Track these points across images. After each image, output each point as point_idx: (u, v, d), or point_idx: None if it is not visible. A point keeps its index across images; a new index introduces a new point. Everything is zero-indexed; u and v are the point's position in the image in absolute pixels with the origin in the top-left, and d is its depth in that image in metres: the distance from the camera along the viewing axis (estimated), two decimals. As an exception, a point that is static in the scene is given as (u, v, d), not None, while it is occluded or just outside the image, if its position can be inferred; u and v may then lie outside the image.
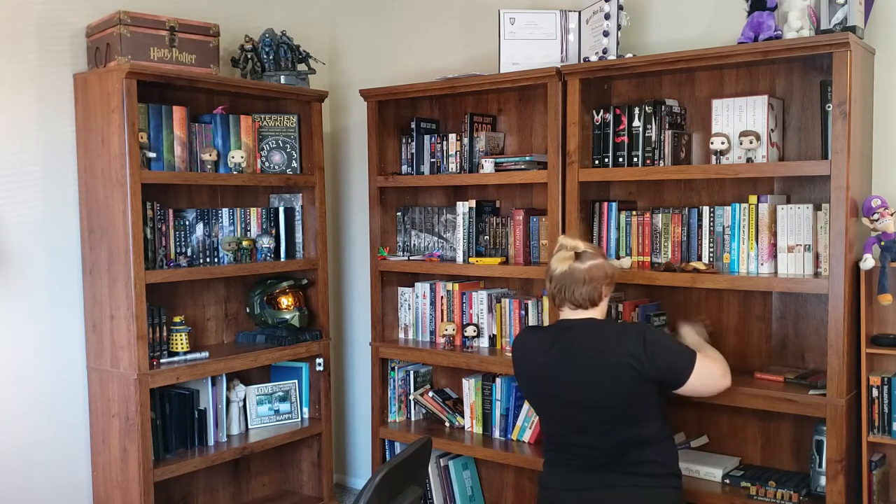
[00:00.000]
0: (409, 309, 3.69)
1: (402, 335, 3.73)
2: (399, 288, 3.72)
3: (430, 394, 3.62)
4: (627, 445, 2.45)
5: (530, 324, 3.33)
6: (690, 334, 2.79)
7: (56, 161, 3.15)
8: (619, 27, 3.00)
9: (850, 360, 2.60)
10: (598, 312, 2.55)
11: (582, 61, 3.13)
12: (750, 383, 2.79)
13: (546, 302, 3.22)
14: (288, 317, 3.64)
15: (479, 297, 3.48)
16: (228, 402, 3.49)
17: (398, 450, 3.61)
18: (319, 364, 3.73)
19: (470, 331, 3.44)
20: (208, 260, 3.41)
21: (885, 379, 2.58)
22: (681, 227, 2.96)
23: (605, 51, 3.00)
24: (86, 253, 3.18)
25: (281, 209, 3.67)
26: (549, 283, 2.58)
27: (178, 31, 3.18)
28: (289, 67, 3.59)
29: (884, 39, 2.75)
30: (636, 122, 2.99)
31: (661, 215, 3.00)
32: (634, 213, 3.07)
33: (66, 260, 3.19)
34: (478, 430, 3.46)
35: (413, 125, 3.60)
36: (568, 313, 2.56)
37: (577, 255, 2.53)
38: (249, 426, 3.60)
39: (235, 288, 3.72)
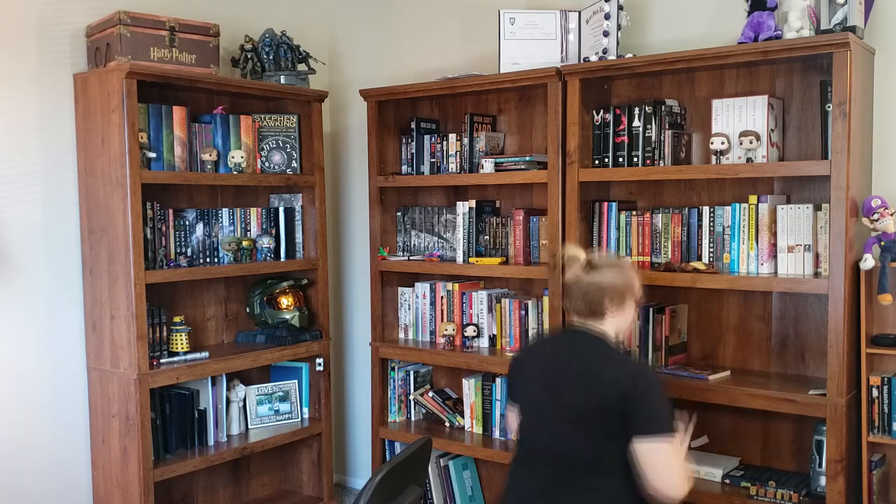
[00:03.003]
0: (409, 309, 3.69)
1: (402, 335, 3.73)
2: (399, 288, 3.72)
3: (430, 394, 3.62)
4: (587, 468, 2.26)
5: (531, 325, 3.33)
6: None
7: (56, 161, 3.15)
8: (619, 27, 3.00)
9: (850, 360, 2.60)
10: (607, 326, 2.38)
11: (582, 61, 3.13)
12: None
13: (546, 302, 3.22)
14: (288, 317, 3.64)
15: (479, 297, 3.48)
16: (228, 402, 3.49)
17: (398, 450, 3.61)
18: (319, 364, 3.72)
19: (470, 331, 3.44)
20: (208, 260, 3.40)
21: (885, 379, 2.58)
22: (681, 227, 2.96)
23: (605, 51, 3.00)
24: (86, 253, 3.18)
25: (281, 209, 3.67)
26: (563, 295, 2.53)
27: (178, 31, 3.18)
28: (289, 67, 3.59)
29: (884, 39, 2.75)
30: (636, 122, 2.99)
31: (661, 215, 3.01)
32: (634, 213, 3.07)
33: (66, 260, 3.19)
34: (478, 430, 3.46)
35: (413, 125, 3.60)
36: (576, 322, 2.46)
37: (591, 266, 2.41)
38: (249, 426, 3.60)
39: (235, 288, 3.72)
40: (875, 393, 2.59)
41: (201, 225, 3.39)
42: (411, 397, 3.67)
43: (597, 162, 3.09)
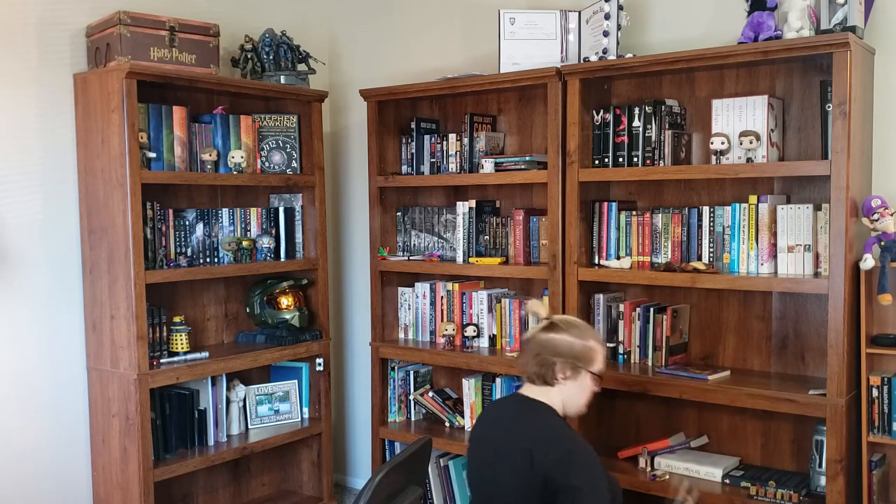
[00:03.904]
0: (409, 309, 3.69)
1: (402, 335, 3.73)
2: (399, 288, 3.72)
3: (430, 394, 3.62)
4: None
5: (531, 325, 3.33)
6: None
7: (56, 161, 3.15)
8: (619, 27, 3.00)
9: (850, 360, 2.60)
10: (554, 397, 2.31)
11: (582, 61, 3.13)
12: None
13: (546, 302, 3.22)
14: (288, 317, 3.64)
15: (479, 297, 3.48)
16: (228, 402, 3.49)
17: (398, 450, 3.61)
18: (319, 364, 3.72)
19: (470, 331, 3.44)
20: (208, 260, 3.40)
21: (885, 379, 2.58)
22: (681, 227, 2.96)
23: (605, 51, 3.00)
24: (86, 253, 3.18)
25: (281, 209, 3.67)
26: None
27: (178, 31, 3.18)
28: (289, 67, 3.59)
29: (884, 39, 2.75)
30: (636, 122, 2.99)
31: (661, 215, 3.01)
32: (634, 213, 3.07)
33: (66, 260, 3.19)
34: (478, 430, 3.46)
35: (413, 125, 3.60)
36: (524, 389, 2.38)
37: (551, 325, 2.33)
38: (249, 426, 3.60)
39: (235, 288, 3.72)
40: (875, 393, 2.59)
41: (201, 225, 3.39)
42: (411, 397, 3.67)
43: (597, 162, 3.09)
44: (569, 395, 2.32)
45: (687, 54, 2.80)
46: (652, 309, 3.04)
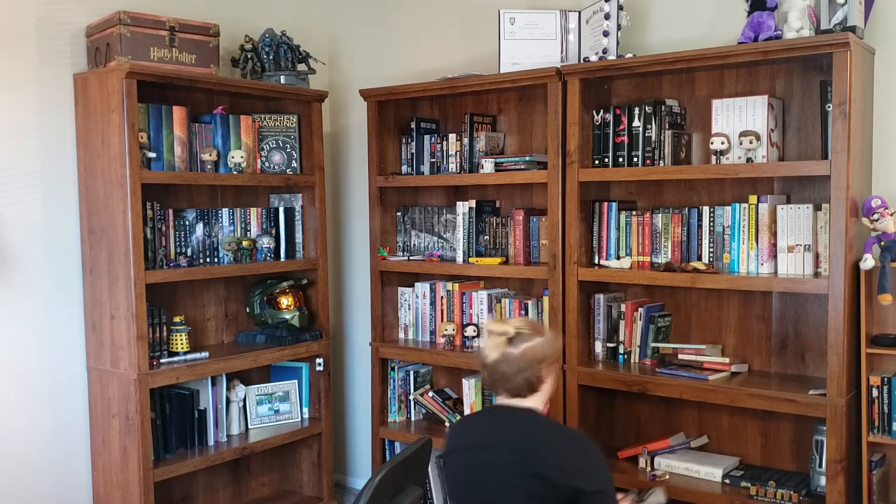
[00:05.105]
0: (409, 309, 3.70)
1: (402, 335, 3.73)
2: (399, 288, 3.72)
3: (430, 394, 3.62)
4: None
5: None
6: None
7: (56, 161, 3.15)
8: (619, 27, 3.00)
9: (850, 360, 2.60)
10: (538, 400, 2.31)
11: (582, 61, 3.13)
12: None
13: (546, 302, 3.21)
14: (288, 317, 3.64)
15: (479, 297, 3.48)
16: (228, 402, 3.49)
17: (398, 450, 3.61)
18: (319, 364, 3.73)
19: (470, 331, 3.44)
20: (208, 260, 3.40)
21: (885, 379, 2.58)
22: (681, 227, 2.96)
23: (605, 51, 3.00)
24: (86, 253, 3.18)
25: (281, 209, 3.67)
26: (483, 372, 2.34)
27: (178, 31, 3.18)
28: (289, 67, 3.59)
29: (884, 39, 2.75)
30: (636, 122, 2.99)
31: (661, 215, 3.01)
32: (634, 213, 3.07)
33: (66, 260, 3.19)
34: (478, 430, 3.46)
35: (413, 125, 3.60)
36: (504, 401, 2.33)
37: (510, 340, 2.27)
38: (249, 426, 3.60)
39: (235, 288, 3.72)
40: (875, 393, 2.59)
41: (201, 225, 3.39)
42: (411, 397, 3.67)
43: (597, 162, 3.09)
44: (548, 391, 2.35)
45: (687, 54, 2.80)
46: (657, 311, 3.05)
